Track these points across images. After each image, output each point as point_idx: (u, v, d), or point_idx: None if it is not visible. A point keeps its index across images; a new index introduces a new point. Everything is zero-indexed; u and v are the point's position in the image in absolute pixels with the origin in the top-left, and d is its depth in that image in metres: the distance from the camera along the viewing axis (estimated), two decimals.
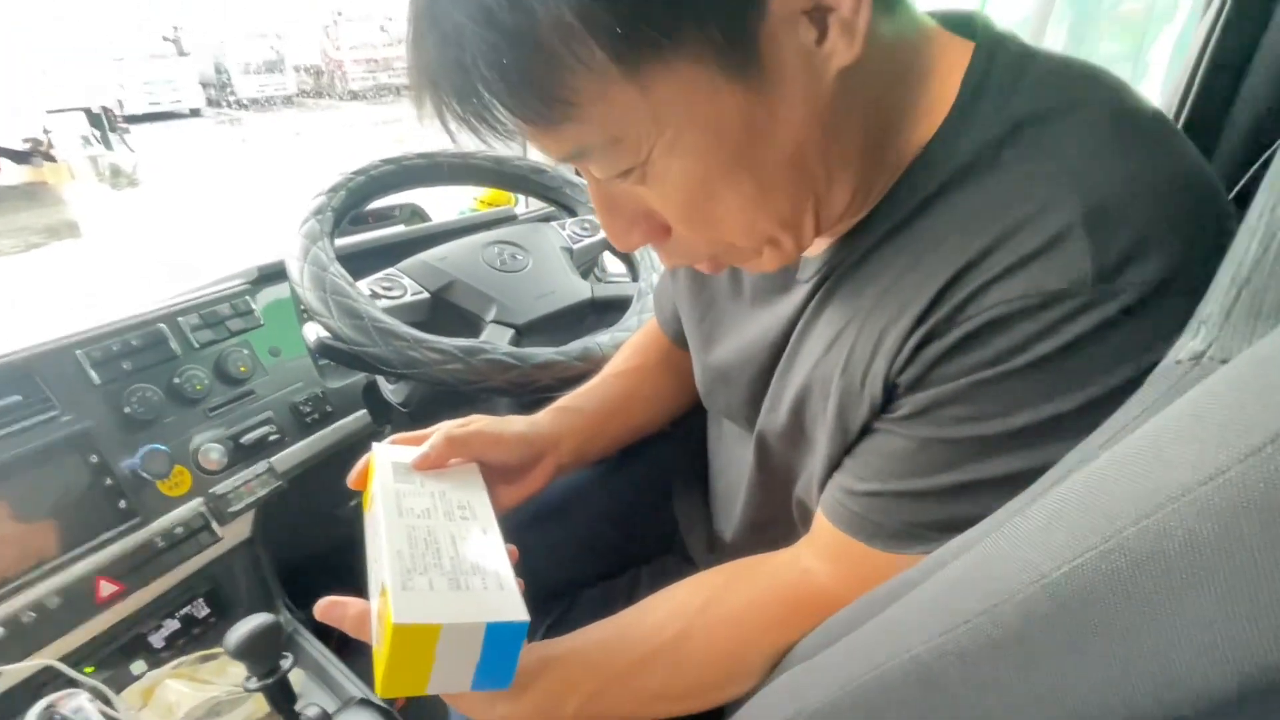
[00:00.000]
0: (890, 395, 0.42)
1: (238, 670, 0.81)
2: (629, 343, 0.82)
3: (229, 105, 16.14)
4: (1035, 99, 0.39)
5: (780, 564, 0.52)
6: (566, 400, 0.73)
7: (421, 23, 0.36)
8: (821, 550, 0.49)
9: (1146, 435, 0.24)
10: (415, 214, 1.35)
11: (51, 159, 10.92)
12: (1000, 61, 0.40)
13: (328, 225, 0.94)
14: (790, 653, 0.45)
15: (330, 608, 0.50)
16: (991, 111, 0.40)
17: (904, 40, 0.41)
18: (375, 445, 0.59)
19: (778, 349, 0.51)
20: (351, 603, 0.50)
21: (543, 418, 0.69)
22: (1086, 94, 0.39)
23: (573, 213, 1.20)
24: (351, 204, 1.00)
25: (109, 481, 0.86)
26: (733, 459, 0.68)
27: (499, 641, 0.42)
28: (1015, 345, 0.36)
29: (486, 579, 0.46)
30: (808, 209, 0.41)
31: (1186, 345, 0.27)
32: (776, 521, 0.59)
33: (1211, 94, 0.64)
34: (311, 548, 1.12)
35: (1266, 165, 0.64)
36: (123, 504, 0.86)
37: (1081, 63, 0.41)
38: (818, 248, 0.48)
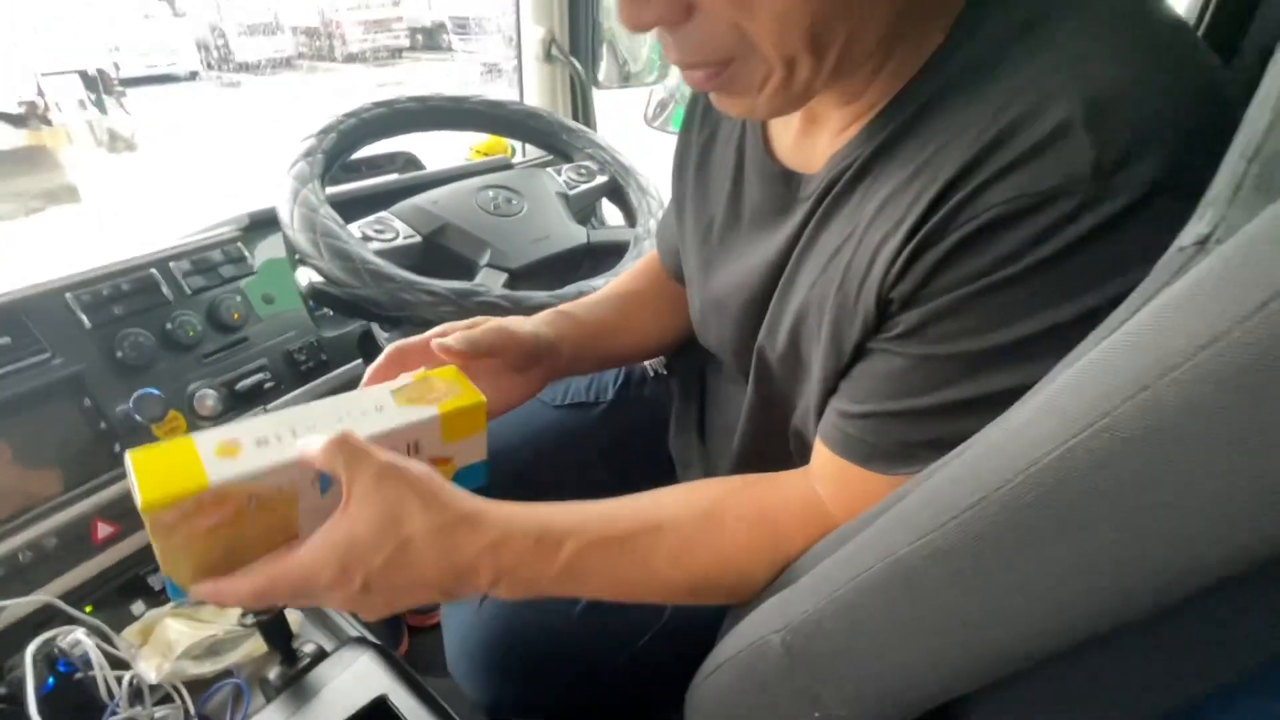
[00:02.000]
0: (884, 311, 0.41)
1: (236, 612, 0.82)
2: (630, 269, 0.81)
3: (228, 68, 15.92)
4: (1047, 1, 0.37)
5: (792, 479, 0.51)
6: (568, 306, 0.72)
7: None
8: (820, 475, 0.48)
9: (1143, 317, 0.23)
10: (410, 163, 1.33)
11: (48, 122, 10.80)
12: None
13: (318, 168, 0.92)
14: (783, 573, 0.45)
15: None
16: (1000, 14, 0.38)
17: None
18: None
19: (776, 271, 0.50)
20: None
21: (544, 321, 0.67)
22: None
23: (568, 158, 1.18)
24: (343, 147, 0.99)
25: (103, 425, 0.85)
26: (729, 396, 0.67)
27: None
28: (1011, 251, 0.35)
29: None
30: (835, 41, 0.38)
31: (1192, 230, 0.26)
32: (774, 457, 0.58)
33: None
34: None
35: None
36: (117, 447, 0.86)
37: None
38: (820, 160, 0.47)
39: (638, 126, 1.44)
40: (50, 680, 0.68)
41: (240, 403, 0.97)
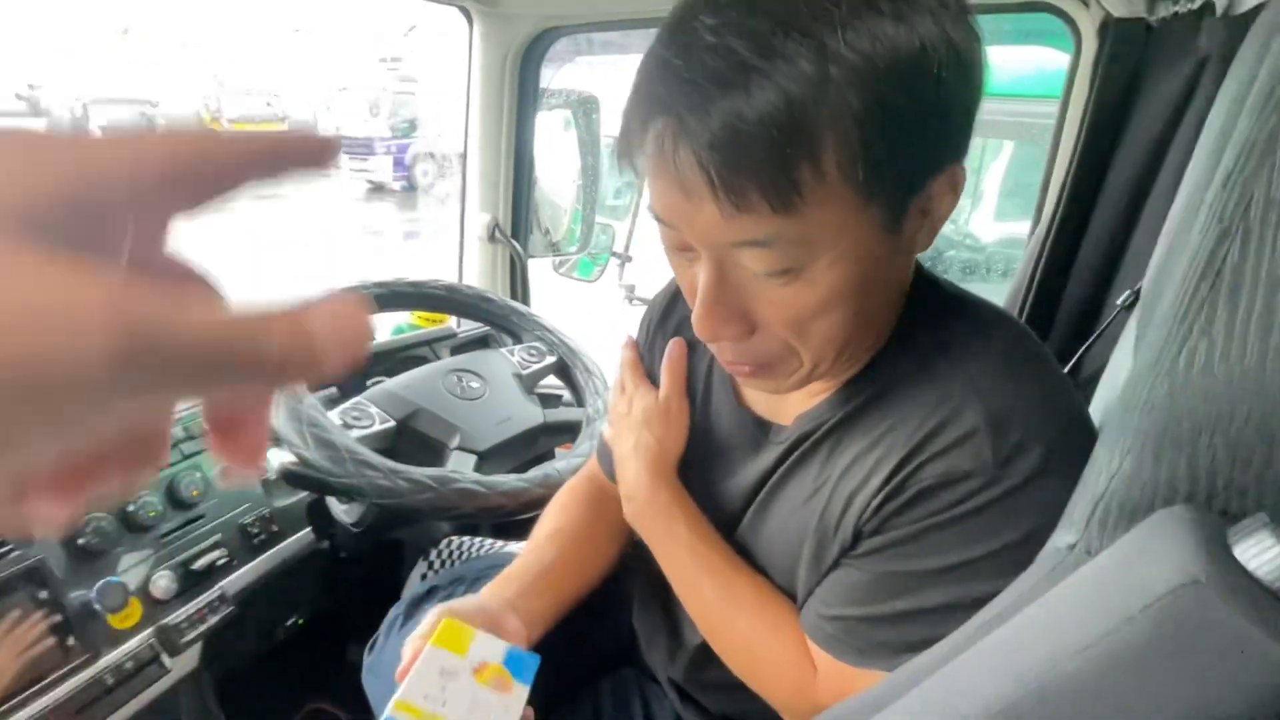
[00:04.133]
0: (856, 540, 0.55)
1: None
2: (552, 504, 0.86)
3: None
4: (955, 321, 0.56)
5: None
6: (507, 572, 0.76)
7: (717, 64, 0.40)
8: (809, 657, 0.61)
9: (1038, 611, 0.38)
10: None
11: None
12: (925, 296, 0.58)
13: None
14: None
15: None
16: (924, 333, 0.56)
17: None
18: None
19: (751, 497, 0.64)
20: None
21: (487, 593, 0.72)
22: (976, 316, 0.57)
23: (518, 339, 1.30)
24: None
25: (59, 618, 0.84)
26: None
27: None
28: (943, 506, 0.51)
29: None
30: (851, 345, 0.53)
31: (1062, 536, 0.41)
32: None
33: (1044, 291, 0.86)
34: (250, 661, 1.10)
35: (1089, 349, 0.85)
36: (71, 640, 0.85)
37: (968, 297, 0.59)
38: (790, 415, 0.62)
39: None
40: None
41: (195, 582, 0.98)
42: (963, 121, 0.47)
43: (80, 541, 0.88)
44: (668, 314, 0.77)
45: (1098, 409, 0.61)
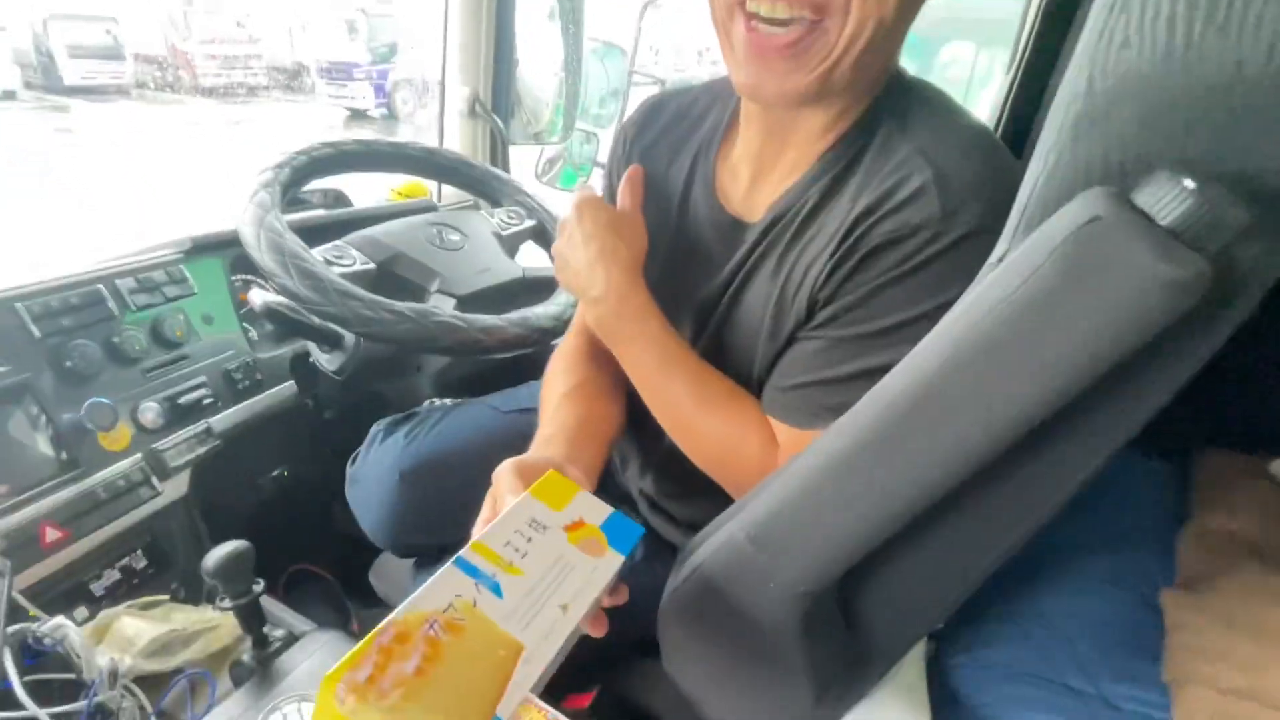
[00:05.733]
0: (811, 310, 0.59)
1: (181, 615, 0.86)
2: (562, 353, 0.87)
3: (53, 90, 14.54)
4: (917, 108, 0.58)
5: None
6: (542, 434, 0.75)
7: None
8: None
9: (967, 297, 0.42)
10: (339, 199, 1.41)
11: None
12: (898, 88, 0.61)
13: (277, 197, 1.00)
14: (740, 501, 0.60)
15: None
16: (888, 108, 0.59)
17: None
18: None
19: (724, 289, 0.68)
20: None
21: (545, 451, 0.71)
22: (938, 103, 0.60)
23: (496, 203, 1.31)
24: (294, 180, 1.07)
25: (50, 432, 0.87)
26: None
27: None
28: (893, 263, 0.54)
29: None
30: (873, 59, 0.56)
31: (996, 253, 0.44)
32: None
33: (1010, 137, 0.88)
34: (237, 511, 1.14)
35: None
36: (63, 455, 0.88)
37: (935, 88, 0.62)
38: (759, 210, 0.65)
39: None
40: (29, 662, 0.69)
41: (181, 416, 1.01)
42: None
43: (68, 364, 0.90)
44: (640, 135, 0.79)
45: None
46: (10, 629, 0.68)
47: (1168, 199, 0.33)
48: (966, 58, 3.28)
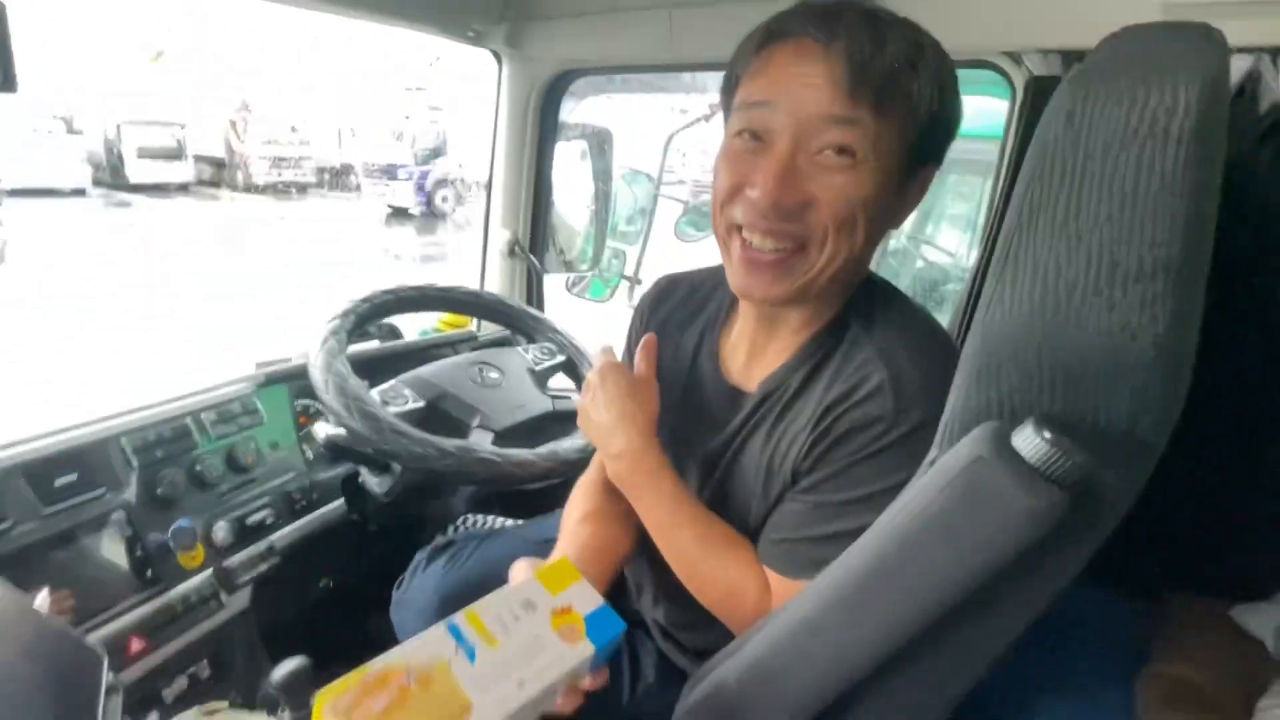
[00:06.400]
0: (795, 477, 0.71)
1: None
2: (582, 485, 0.96)
3: (119, 188, 15.58)
4: (879, 317, 0.72)
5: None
6: (561, 548, 0.87)
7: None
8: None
9: (907, 491, 0.53)
10: (392, 331, 1.58)
11: None
12: (867, 292, 0.75)
13: (343, 343, 1.16)
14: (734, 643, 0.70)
15: None
16: (858, 315, 0.73)
17: None
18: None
19: (723, 451, 0.79)
20: None
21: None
22: (898, 308, 0.73)
23: (530, 339, 1.47)
24: (358, 324, 1.23)
25: (139, 552, 1.00)
26: None
27: None
28: (859, 446, 0.66)
29: None
30: (846, 276, 0.70)
31: (930, 456, 0.56)
32: None
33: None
34: (289, 621, 1.25)
35: None
36: (149, 572, 1.00)
37: (896, 291, 0.76)
38: (754, 382, 0.78)
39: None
40: None
41: (247, 535, 1.13)
42: (950, 141, 0.70)
43: (158, 491, 1.04)
44: (656, 308, 0.93)
45: None
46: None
47: (1032, 444, 0.45)
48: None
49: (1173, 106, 0.40)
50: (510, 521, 1.31)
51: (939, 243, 3.03)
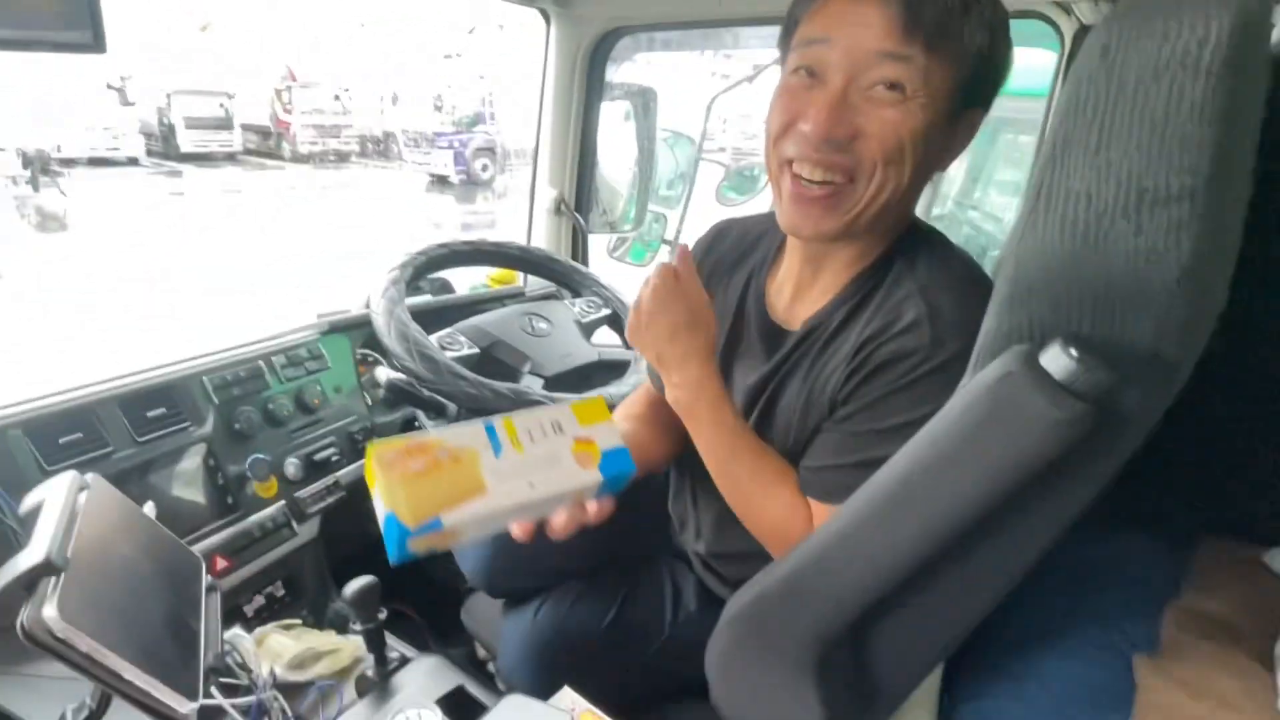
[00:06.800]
0: (832, 408, 0.75)
1: (312, 637, 1.04)
2: (624, 403, 1.06)
3: (170, 157, 15.99)
4: (922, 257, 0.74)
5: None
6: None
7: None
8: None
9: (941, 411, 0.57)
10: (444, 287, 1.64)
11: None
12: (912, 235, 0.78)
13: (403, 292, 1.22)
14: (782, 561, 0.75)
15: None
16: (905, 249, 0.76)
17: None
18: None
19: (762, 388, 0.83)
20: None
21: None
22: (941, 251, 0.76)
23: (577, 293, 1.52)
24: (415, 276, 1.30)
25: (220, 481, 1.09)
26: None
27: None
28: (894, 378, 0.70)
29: None
30: (894, 205, 0.72)
31: (964, 380, 0.60)
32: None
33: None
34: (354, 552, 1.34)
35: None
36: (229, 499, 1.09)
37: (941, 236, 0.78)
38: (798, 321, 0.82)
39: None
40: None
41: (316, 470, 1.21)
42: (999, 86, 0.72)
43: (236, 426, 1.12)
44: (709, 252, 0.97)
45: None
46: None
47: (1059, 361, 0.48)
48: None
49: (1204, 38, 0.43)
50: None
51: (986, 207, 2.99)
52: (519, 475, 0.60)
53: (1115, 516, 0.80)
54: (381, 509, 0.57)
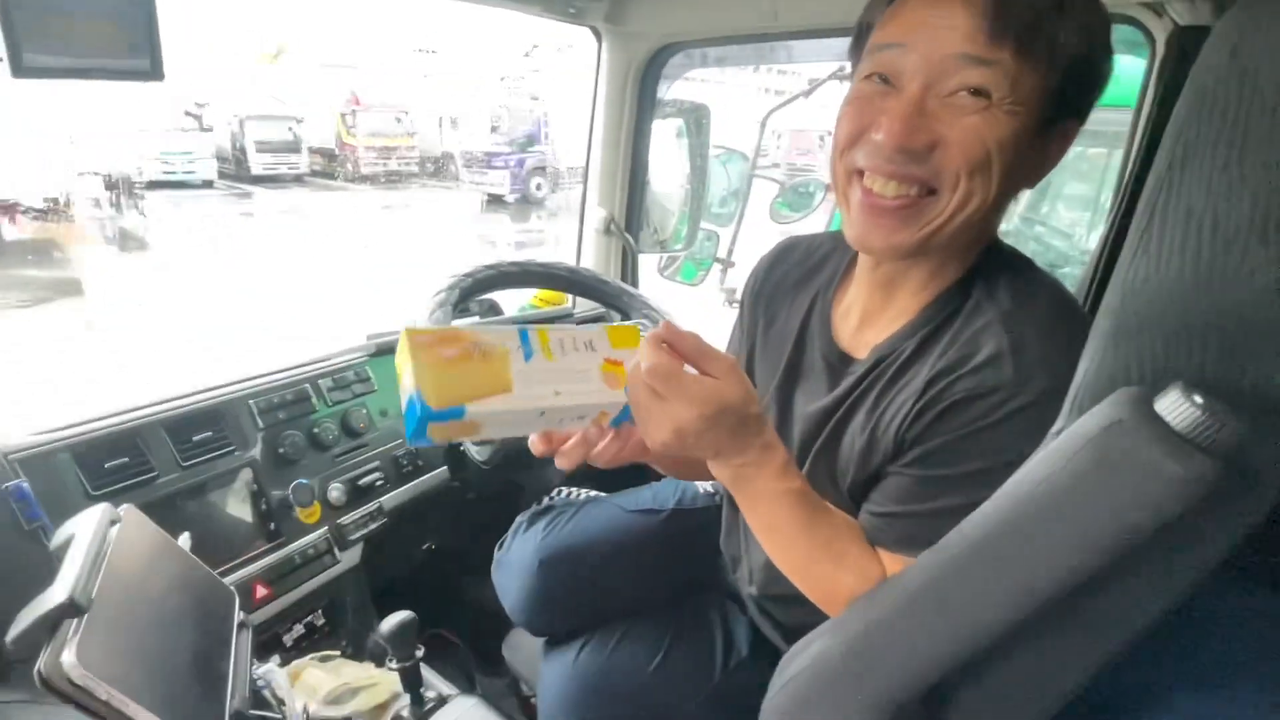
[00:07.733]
0: (899, 448, 0.68)
1: (349, 670, 1.01)
2: None
3: (242, 180, 16.76)
4: (1005, 282, 0.68)
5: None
6: None
7: None
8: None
9: (1029, 463, 0.50)
10: (492, 308, 1.62)
11: (70, 219, 11.34)
12: (994, 257, 0.71)
13: (449, 314, 1.20)
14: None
15: None
16: (983, 278, 0.69)
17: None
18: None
19: (827, 417, 0.77)
20: None
21: None
22: (1026, 275, 0.69)
23: (626, 315, 1.47)
24: (462, 297, 1.27)
25: (264, 506, 1.07)
26: None
27: None
28: (972, 418, 0.62)
29: None
30: (973, 224, 0.65)
31: (1055, 427, 0.53)
32: None
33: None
34: (395, 579, 1.32)
35: None
36: (272, 525, 1.08)
37: (1027, 259, 0.72)
38: (865, 349, 0.75)
39: None
40: None
41: (360, 496, 1.20)
42: (1096, 96, 0.66)
43: (280, 450, 1.11)
44: (772, 270, 0.91)
45: None
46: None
47: (1180, 408, 0.41)
48: None
49: None
50: (602, 494, 1.33)
51: (1054, 223, 2.85)
52: (545, 382, 0.60)
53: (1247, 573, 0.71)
54: (408, 388, 0.56)
